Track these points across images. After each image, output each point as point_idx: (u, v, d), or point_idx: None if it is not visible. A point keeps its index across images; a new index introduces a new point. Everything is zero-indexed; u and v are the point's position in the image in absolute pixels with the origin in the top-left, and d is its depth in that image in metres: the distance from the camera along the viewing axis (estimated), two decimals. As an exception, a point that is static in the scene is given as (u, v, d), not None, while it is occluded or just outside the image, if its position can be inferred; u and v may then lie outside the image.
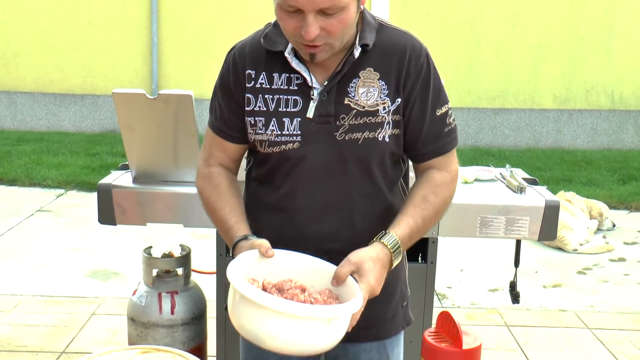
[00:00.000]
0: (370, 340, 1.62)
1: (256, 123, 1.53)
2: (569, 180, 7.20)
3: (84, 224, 5.51)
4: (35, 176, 6.81)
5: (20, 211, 5.84)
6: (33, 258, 4.76)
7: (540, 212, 2.41)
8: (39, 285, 4.27)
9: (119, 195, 2.43)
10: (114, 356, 1.51)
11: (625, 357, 3.59)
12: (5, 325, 3.67)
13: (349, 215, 1.54)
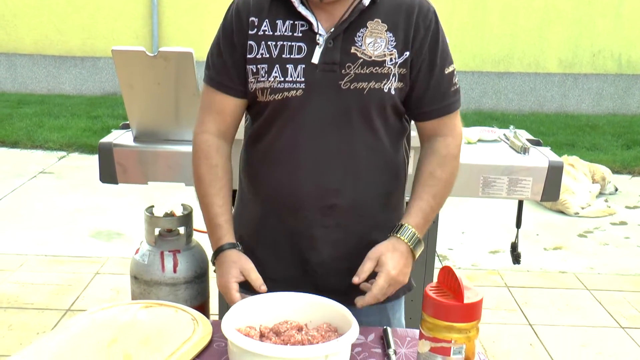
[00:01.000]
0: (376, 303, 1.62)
1: (258, 71, 1.50)
2: (573, 145, 7.19)
3: (86, 185, 5.53)
4: (37, 138, 6.82)
5: (22, 173, 5.87)
6: (36, 219, 4.79)
7: (544, 173, 2.41)
8: (43, 245, 4.31)
9: (120, 154, 2.43)
10: (118, 310, 1.54)
11: (623, 317, 3.64)
12: (12, 283, 3.72)
13: (352, 169, 1.52)
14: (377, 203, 1.58)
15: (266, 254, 1.61)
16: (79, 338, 1.40)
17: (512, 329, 3.47)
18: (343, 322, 1.36)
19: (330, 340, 1.30)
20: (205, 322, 1.49)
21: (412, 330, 1.55)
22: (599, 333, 3.46)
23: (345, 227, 1.56)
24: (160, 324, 1.47)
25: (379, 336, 1.50)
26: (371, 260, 1.48)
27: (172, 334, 1.42)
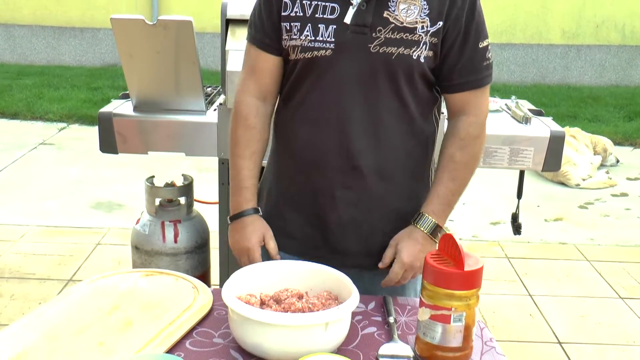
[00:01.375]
0: (388, 268, 1.63)
1: (291, 28, 1.51)
2: (575, 117, 7.16)
3: (86, 156, 5.53)
4: (37, 110, 6.79)
5: (23, 144, 5.86)
6: (37, 190, 4.80)
7: (545, 143, 2.40)
8: (44, 216, 4.32)
9: (120, 124, 2.42)
10: (119, 278, 1.54)
11: (622, 288, 3.65)
12: (13, 254, 3.73)
13: (376, 133, 1.52)
14: (401, 169, 1.58)
15: (289, 210, 1.63)
16: (79, 305, 1.40)
17: (512, 299, 3.49)
18: (343, 290, 1.36)
19: (331, 308, 1.30)
20: (206, 290, 1.49)
21: (412, 299, 1.56)
22: (598, 303, 3.48)
23: (367, 190, 1.56)
24: (161, 292, 1.47)
25: (380, 304, 1.51)
26: (391, 248, 1.55)
27: (172, 302, 1.43)
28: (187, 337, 1.33)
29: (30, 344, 1.26)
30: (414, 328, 1.41)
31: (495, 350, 1.37)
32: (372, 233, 1.58)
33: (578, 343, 3.11)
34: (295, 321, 1.22)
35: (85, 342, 1.27)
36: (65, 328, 1.32)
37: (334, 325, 1.25)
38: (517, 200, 2.82)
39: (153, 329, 1.32)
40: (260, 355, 1.26)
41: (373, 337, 1.37)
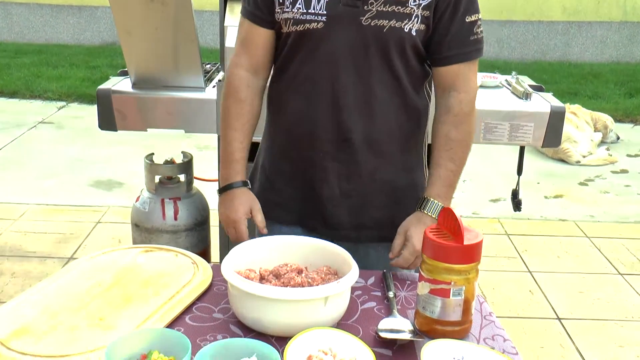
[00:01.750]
0: (380, 241, 1.64)
1: (284, 1, 1.50)
2: (575, 94, 7.13)
3: (86, 135, 5.51)
4: (35, 88, 6.76)
5: (22, 123, 5.84)
6: (37, 168, 4.79)
7: (545, 118, 2.38)
8: (44, 195, 4.31)
9: (119, 101, 2.41)
10: (119, 254, 1.54)
11: (621, 264, 3.66)
12: (14, 232, 3.74)
13: (367, 106, 1.53)
14: (393, 142, 1.58)
15: (283, 183, 1.64)
16: (79, 281, 1.40)
17: (512, 276, 3.50)
18: (343, 264, 1.36)
19: (330, 282, 1.30)
20: (205, 266, 1.49)
21: (411, 274, 1.56)
22: (597, 280, 3.49)
23: (359, 163, 1.57)
24: (161, 267, 1.47)
25: (379, 279, 1.51)
26: (400, 235, 1.54)
27: (172, 278, 1.43)
28: (186, 312, 1.33)
29: (29, 320, 1.26)
30: (413, 303, 1.41)
31: (494, 324, 1.37)
32: (364, 206, 1.59)
33: (577, 319, 3.12)
34: (295, 296, 1.22)
35: (85, 317, 1.27)
36: (65, 303, 1.32)
37: (333, 299, 1.25)
38: (517, 177, 2.81)
39: (153, 305, 1.32)
40: (259, 329, 1.26)
41: (373, 311, 1.38)
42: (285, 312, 1.23)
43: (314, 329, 1.19)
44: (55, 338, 1.20)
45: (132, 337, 1.15)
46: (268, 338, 1.23)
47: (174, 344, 1.14)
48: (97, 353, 1.16)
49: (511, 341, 1.31)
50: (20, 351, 1.16)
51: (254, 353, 1.13)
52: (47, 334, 1.21)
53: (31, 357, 1.15)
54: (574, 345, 2.91)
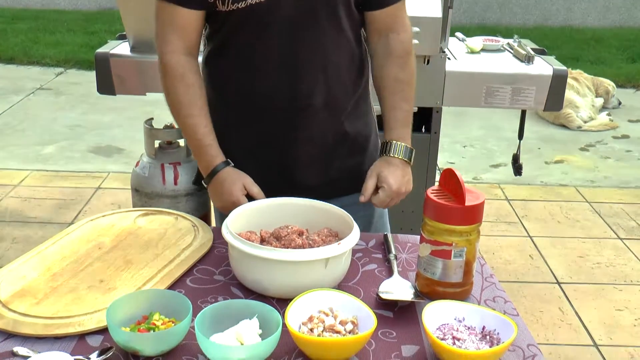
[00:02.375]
0: (349, 192, 1.61)
1: None
2: (577, 59, 7.07)
3: (85, 101, 5.48)
4: (33, 54, 6.70)
5: (20, 89, 5.80)
6: (36, 135, 4.77)
7: (548, 82, 2.37)
8: (44, 161, 4.30)
9: (117, 65, 2.39)
10: (118, 217, 1.53)
11: (621, 229, 3.66)
12: (14, 198, 3.73)
13: (323, 68, 1.51)
14: (348, 95, 1.59)
15: (247, 160, 1.58)
16: (79, 243, 1.40)
17: (512, 241, 3.50)
18: (344, 226, 1.35)
19: (331, 244, 1.29)
20: (206, 228, 1.48)
21: (412, 236, 1.55)
22: (597, 244, 3.50)
23: (319, 125, 1.56)
24: (161, 230, 1.47)
25: (380, 242, 1.50)
26: (372, 178, 1.53)
27: (172, 240, 1.42)
28: (187, 275, 1.33)
29: (30, 281, 1.26)
30: (414, 265, 1.41)
31: (495, 286, 1.37)
32: (330, 162, 1.60)
33: (576, 283, 3.13)
34: (296, 257, 1.22)
35: (85, 279, 1.27)
36: (65, 265, 1.31)
37: (334, 261, 1.24)
38: (518, 142, 2.80)
39: (153, 267, 1.31)
40: (260, 291, 1.26)
41: (373, 273, 1.37)
42: (285, 273, 1.23)
43: (315, 290, 1.19)
44: (56, 300, 1.20)
45: (133, 298, 1.15)
46: (269, 300, 1.23)
47: (175, 306, 1.14)
48: (98, 314, 1.16)
49: (512, 303, 1.31)
50: (21, 312, 1.16)
51: (255, 314, 1.13)
52: (47, 296, 1.21)
53: (32, 318, 1.15)
54: (573, 309, 2.93)
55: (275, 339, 1.07)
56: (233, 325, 1.11)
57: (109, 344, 1.10)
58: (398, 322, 1.22)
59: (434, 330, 1.14)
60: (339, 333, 1.11)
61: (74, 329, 1.13)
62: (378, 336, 1.17)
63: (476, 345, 1.11)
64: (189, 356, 1.09)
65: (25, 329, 1.13)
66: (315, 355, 1.09)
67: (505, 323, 1.13)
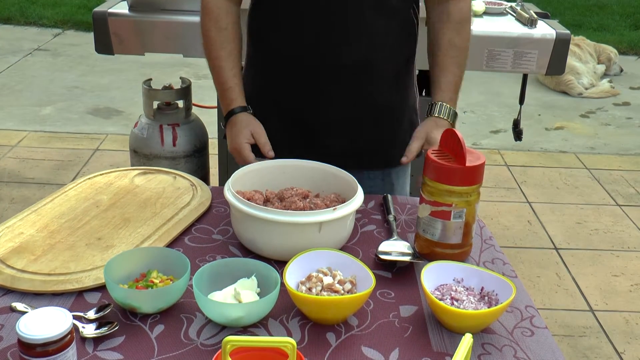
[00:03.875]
0: (374, 167, 1.61)
1: None
2: (580, 26, 7.00)
3: (83, 62, 5.43)
4: (30, 15, 6.62)
5: (17, 50, 5.74)
6: (34, 96, 4.73)
7: (550, 45, 2.33)
8: (42, 122, 4.28)
9: (116, 24, 2.35)
10: (116, 175, 1.52)
11: (620, 195, 3.66)
12: (12, 158, 3.72)
13: (358, 28, 1.47)
14: (387, 64, 1.54)
15: (273, 115, 1.58)
16: (77, 201, 1.39)
17: (511, 206, 3.50)
18: (350, 193, 1.32)
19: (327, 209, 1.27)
20: (205, 187, 1.47)
21: (412, 198, 1.54)
22: (595, 211, 3.50)
23: (353, 87, 1.52)
24: (159, 189, 1.46)
25: (379, 203, 1.50)
26: (418, 140, 1.51)
27: (170, 199, 1.41)
28: (185, 234, 1.32)
29: (27, 237, 1.25)
30: (413, 226, 1.40)
31: (494, 248, 1.36)
32: (358, 130, 1.56)
33: (574, 249, 3.14)
34: (288, 219, 1.20)
35: (83, 236, 1.26)
36: (63, 223, 1.31)
37: (328, 226, 1.22)
38: (518, 107, 2.78)
39: (151, 225, 1.31)
40: (255, 251, 1.25)
41: (372, 234, 1.37)
42: (278, 235, 1.21)
43: (314, 249, 1.18)
44: (53, 256, 1.20)
45: (131, 256, 1.14)
46: (268, 260, 1.23)
47: (173, 263, 1.13)
48: (96, 271, 1.15)
49: (510, 265, 1.31)
50: (19, 268, 1.16)
51: (253, 272, 1.12)
52: (45, 252, 1.21)
53: (30, 274, 1.14)
54: (570, 274, 2.94)
55: (274, 297, 1.06)
56: (231, 284, 1.11)
57: (106, 301, 1.10)
58: (396, 283, 1.21)
59: (433, 290, 1.14)
60: (337, 292, 1.10)
61: (72, 285, 1.13)
62: (376, 296, 1.17)
63: (474, 305, 1.10)
64: (186, 314, 1.09)
65: (23, 284, 1.12)
66: (313, 314, 1.09)
67: (503, 284, 1.13)
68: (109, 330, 1.03)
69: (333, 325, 1.09)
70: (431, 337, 1.07)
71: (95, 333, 1.03)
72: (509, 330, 1.10)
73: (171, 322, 1.07)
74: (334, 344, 1.05)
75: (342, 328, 1.08)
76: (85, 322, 1.05)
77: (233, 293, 1.08)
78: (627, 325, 2.64)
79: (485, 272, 1.17)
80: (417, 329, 1.09)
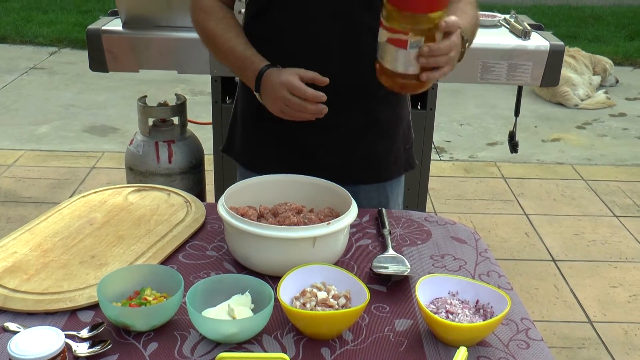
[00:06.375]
0: (370, 182, 1.61)
1: None
2: (575, 37, 7.04)
3: (78, 81, 5.44)
4: (26, 33, 6.65)
5: (13, 68, 5.76)
6: (30, 114, 4.74)
7: (544, 57, 2.34)
8: (38, 141, 4.28)
9: (110, 41, 2.36)
10: (110, 193, 1.52)
11: (617, 207, 3.66)
12: (8, 178, 3.72)
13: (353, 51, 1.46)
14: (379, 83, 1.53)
15: (266, 133, 1.57)
16: (70, 219, 1.39)
17: (508, 218, 3.50)
18: (346, 207, 1.31)
19: (321, 224, 1.27)
20: (199, 204, 1.47)
21: (406, 212, 1.54)
22: (593, 222, 3.50)
23: (350, 108, 1.51)
24: (153, 206, 1.46)
25: (374, 217, 1.50)
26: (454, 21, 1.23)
27: (164, 216, 1.41)
28: (179, 251, 1.32)
29: (20, 257, 1.25)
30: (408, 240, 1.40)
31: (489, 260, 1.36)
32: (353, 147, 1.55)
33: (572, 260, 3.14)
34: (282, 234, 1.19)
35: (76, 254, 1.26)
36: (56, 241, 1.30)
37: (323, 241, 1.22)
38: (514, 119, 2.79)
39: (145, 243, 1.30)
40: (249, 267, 1.25)
41: (367, 248, 1.37)
42: (272, 250, 1.21)
43: (307, 264, 1.18)
44: (47, 275, 1.19)
45: (125, 273, 1.14)
46: (262, 276, 1.22)
47: (167, 281, 1.13)
48: (89, 290, 1.15)
49: (506, 277, 1.31)
50: (12, 288, 1.15)
51: (247, 289, 1.12)
52: (38, 272, 1.20)
53: (23, 294, 1.14)
54: (568, 286, 2.94)
55: (268, 313, 1.06)
56: (225, 300, 1.10)
57: (100, 319, 1.10)
58: (391, 297, 1.21)
59: (428, 304, 1.14)
60: (331, 307, 1.10)
61: (65, 304, 1.12)
62: (371, 311, 1.16)
63: (469, 318, 1.10)
64: (180, 331, 1.09)
65: (16, 304, 1.12)
66: (308, 330, 1.08)
67: (498, 297, 1.13)
68: (102, 349, 1.03)
69: (328, 340, 1.08)
70: (426, 351, 1.07)
71: (88, 352, 1.02)
72: (505, 343, 1.10)
73: (165, 339, 1.07)
74: (329, 359, 1.04)
75: (337, 343, 1.08)
76: (78, 341, 1.05)
77: (227, 309, 1.08)
78: (626, 337, 2.63)
79: (480, 285, 1.17)
80: (413, 343, 1.09)
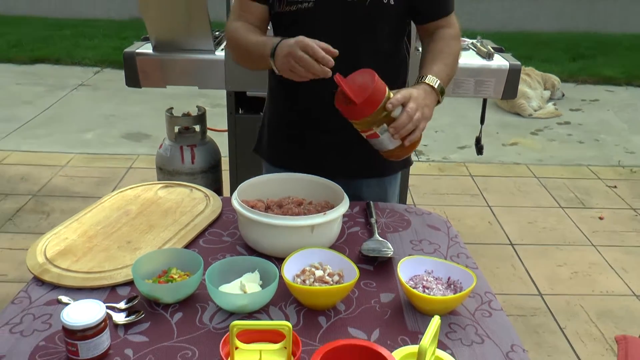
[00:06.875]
0: (372, 176, 1.58)
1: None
2: (530, 58, 7.00)
3: (118, 95, 5.42)
4: (75, 56, 6.62)
5: (65, 85, 5.73)
6: (78, 124, 4.72)
7: (505, 74, 2.34)
8: (85, 146, 4.26)
9: (142, 62, 2.35)
10: (141, 189, 1.51)
11: (563, 199, 3.66)
12: (62, 177, 3.70)
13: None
14: None
15: (286, 139, 1.55)
16: (110, 211, 1.38)
17: (474, 210, 3.49)
18: (338, 200, 1.32)
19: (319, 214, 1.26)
20: (216, 198, 1.46)
21: (390, 204, 1.54)
22: (543, 212, 3.49)
23: (351, 129, 1.48)
24: (178, 200, 1.45)
25: (363, 208, 1.49)
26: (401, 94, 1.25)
27: (188, 208, 1.40)
28: (200, 237, 1.31)
29: (70, 242, 1.24)
30: (392, 227, 1.40)
31: (459, 244, 1.36)
32: (356, 150, 1.51)
33: (526, 244, 3.13)
34: (285, 223, 1.19)
35: (115, 240, 1.25)
36: (99, 229, 1.30)
37: (320, 228, 1.22)
38: (480, 126, 2.78)
39: (172, 230, 1.30)
40: (258, 250, 1.24)
41: (357, 235, 1.36)
42: (277, 236, 1.20)
43: (307, 248, 1.17)
44: (92, 257, 1.19)
45: (155, 256, 1.14)
46: (269, 257, 1.22)
47: (190, 262, 1.13)
48: (126, 269, 1.14)
49: (472, 259, 1.30)
50: (64, 268, 1.15)
51: (256, 268, 1.12)
52: (85, 254, 1.20)
53: (73, 272, 1.14)
54: (524, 266, 2.93)
55: (273, 288, 1.06)
56: (238, 278, 1.10)
57: (135, 294, 1.09)
58: (377, 275, 1.21)
59: (407, 280, 1.13)
60: (327, 283, 1.09)
61: (107, 281, 1.12)
62: (360, 286, 1.16)
63: (442, 292, 1.10)
64: (201, 303, 1.08)
65: (68, 281, 1.12)
66: (307, 302, 1.08)
67: (466, 274, 1.12)
68: (136, 318, 1.02)
69: (324, 310, 1.08)
70: (406, 319, 1.07)
71: (125, 320, 1.02)
72: (471, 312, 1.10)
73: (188, 310, 1.06)
74: (325, 325, 1.04)
75: (332, 313, 1.07)
76: (117, 312, 1.04)
77: (239, 285, 1.07)
78: (568, 306, 2.63)
79: (451, 264, 1.17)
80: (395, 313, 1.08)
